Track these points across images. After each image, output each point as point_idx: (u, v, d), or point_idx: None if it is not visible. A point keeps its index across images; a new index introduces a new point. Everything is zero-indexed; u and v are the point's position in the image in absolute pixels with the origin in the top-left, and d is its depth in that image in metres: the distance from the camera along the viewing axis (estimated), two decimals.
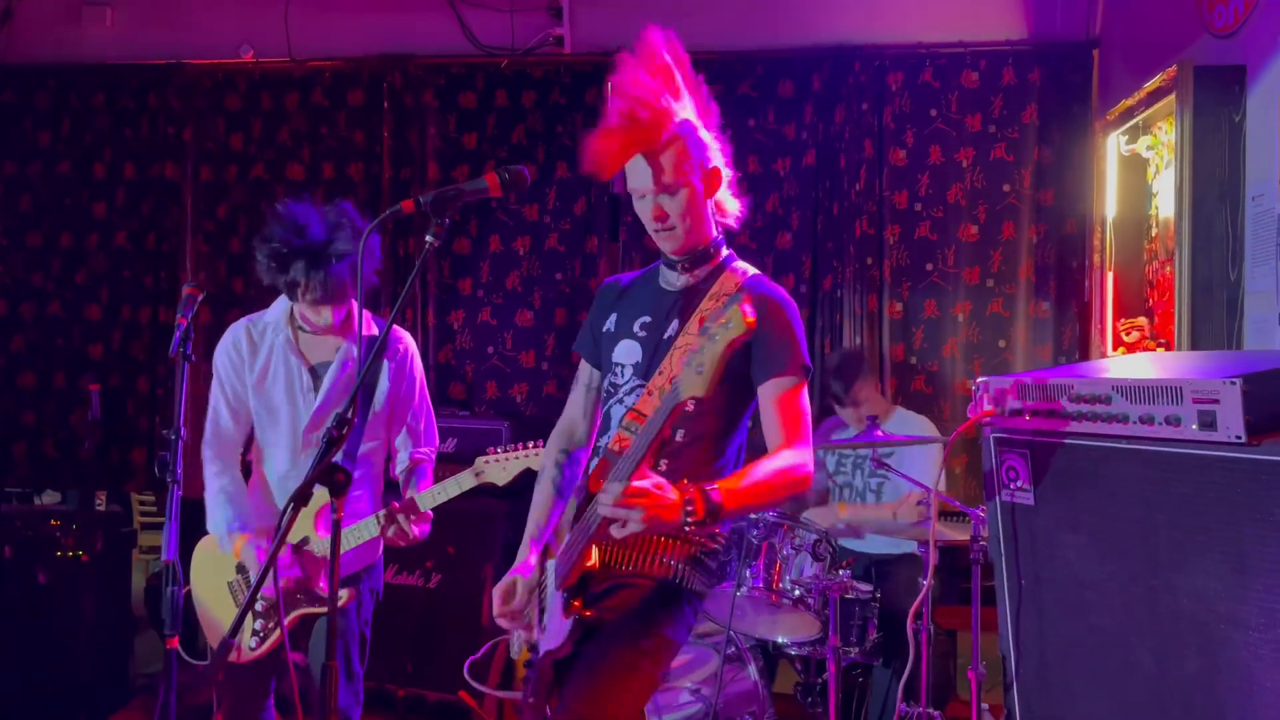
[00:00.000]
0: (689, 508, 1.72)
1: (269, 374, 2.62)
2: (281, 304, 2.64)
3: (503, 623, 2.14)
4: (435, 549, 3.98)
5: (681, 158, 2.01)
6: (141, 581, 5.16)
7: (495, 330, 4.75)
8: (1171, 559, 1.94)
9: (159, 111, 4.89)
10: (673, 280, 2.13)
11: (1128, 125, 3.87)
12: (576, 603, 1.94)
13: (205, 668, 2.40)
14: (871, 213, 4.47)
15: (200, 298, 2.40)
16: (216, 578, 2.63)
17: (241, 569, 2.59)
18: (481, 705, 3.54)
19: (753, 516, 3.09)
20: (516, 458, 2.55)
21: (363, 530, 2.57)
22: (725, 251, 2.13)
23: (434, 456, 2.81)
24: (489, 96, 4.74)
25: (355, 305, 2.61)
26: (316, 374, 2.61)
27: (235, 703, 2.58)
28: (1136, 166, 4.00)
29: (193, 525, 2.67)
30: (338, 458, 2.56)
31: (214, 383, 2.67)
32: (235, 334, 2.66)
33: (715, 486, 1.75)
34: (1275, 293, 2.85)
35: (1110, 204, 4.11)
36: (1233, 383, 1.78)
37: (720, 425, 2.02)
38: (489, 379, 4.75)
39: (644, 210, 2.06)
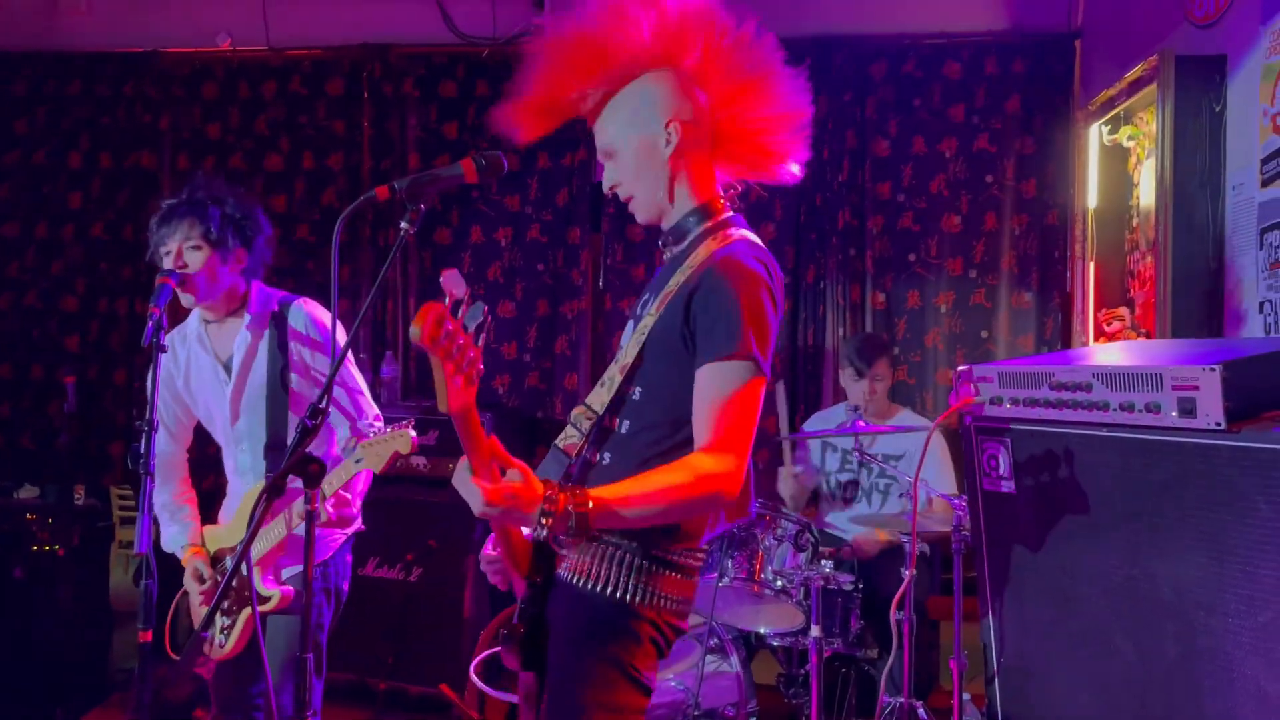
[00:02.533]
0: (544, 519, 1.47)
1: (193, 376, 2.58)
2: (196, 310, 2.58)
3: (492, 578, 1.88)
4: (416, 542, 3.96)
5: (628, 110, 1.76)
6: (121, 575, 5.12)
7: None
8: (1151, 546, 1.94)
9: (136, 100, 4.83)
10: (666, 257, 1.84)
11: (1109, 115, 3.87)
12: (520, 627, 1.71)
13: (178, 663, 2.37)
14: (854, 203, 4.46)
15: (174, 287, 2.37)
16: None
17: (217, 561, 2.56)
18: (463, 698, 3.52)
19: None
20: (385, 440, 2.34)
21: (272, 531, 2.44)
22: (717, 219, 1.78)
23: (379, 427, 2.54)
24: (470, 86, 4.70)
25: (254, 283, 2.55)
26: (228, 365, 2.54)
27: (223, 699, 2.55)
28: (1118, 156, 4.00)
29: None
30: (249, 451, 2.54)
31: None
32: (169, 341, 2.61)
33: (589, 500, 1.50)
34: (1256, 281, 2.85)
35: (1092, 194, 4.12)
36: (1212, 369, 1.78)
37: (669, 413, 1.68)
38: None
39: (604, 185, 1.84)
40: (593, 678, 1.66)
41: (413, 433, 2.35)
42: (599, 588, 1.67)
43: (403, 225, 1.73)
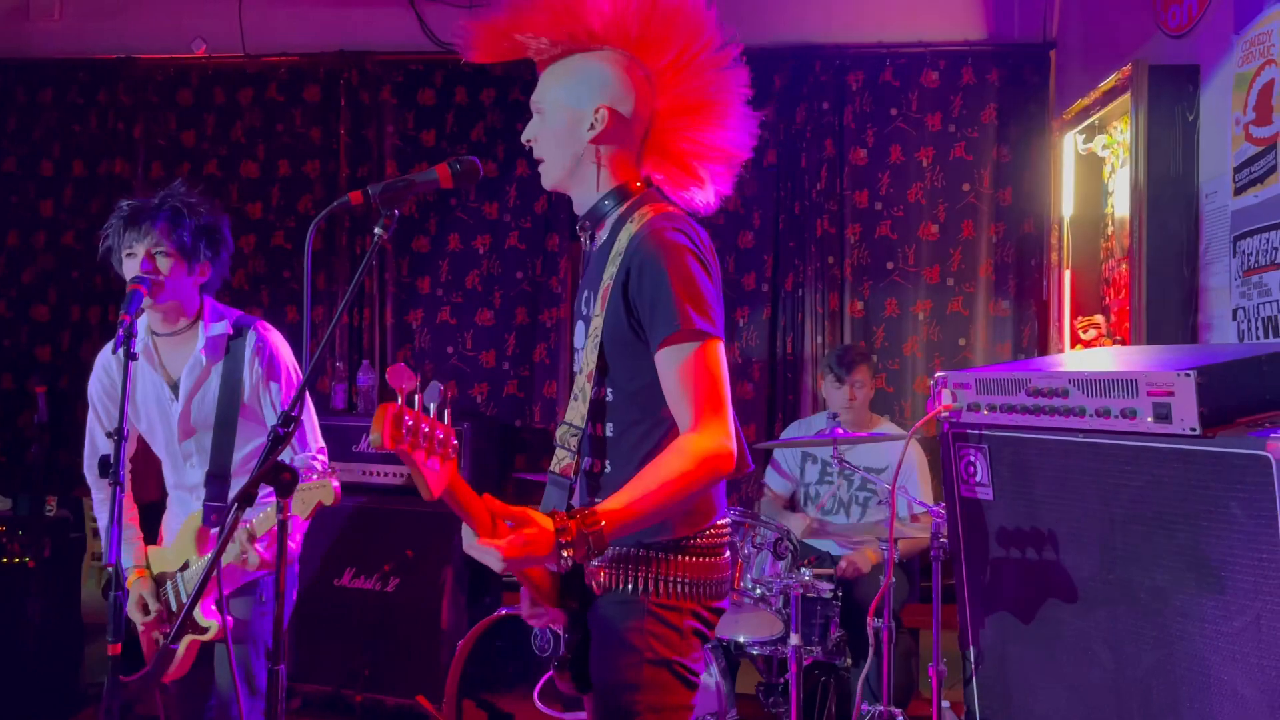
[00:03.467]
0: (564, 551, 1.49)
1: (136, 388, 2.50)
2: (144, 319, 2.53)
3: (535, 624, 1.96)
4: (394, 552, 3.93)
5: (569, 77, 1.75)
6: (93, 588, 5.04)
7: (455, 330, 4.70)
8: (1128, 552, 1.94)
9: (109, 107, 4.79)
10: (586, 244, 1.83)
11: (1084, 124, 3.90)
12: (566, 654, 1.74)
13: (147, 676, 2.32)
14: (833, 212, 4.47)
15: (145, 295, 2.33)
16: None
17: (160, 584, 2.50)
18: (440, 710, 3.49)
19: None
20: (309, 489, 2.27)
21: (230, 551, 2.34)
22: (633, 199, 1.75)
23: (319, 462, 2.51)
24: (448, 93, 4.69)
25: (207, 299, 2.50)
26: (175, 382, 2.48)
27: (182, 714, 2.51)
28: (1093, 165, 4.03)
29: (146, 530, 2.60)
30: (195, 468, 2.49)
31: (90, 412, 2.58)
32: (104, 358, 2.54)
33: (597, 517, 1.51)
34: (1229, 289, 2.87)
35: (1067, 203, 4.15)
36: (1187, 375, 1.78)
37: (648, 405, 1.68)
38: (449, 379, 4.70)
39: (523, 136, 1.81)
40: (641, 683, 1.67)
41: (335, 483, 2.30)
42: (632, 590, 1.69)
43: (377, 231, 1.71)
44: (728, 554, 1.77)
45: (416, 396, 1.40)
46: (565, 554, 1.49)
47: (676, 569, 1.69)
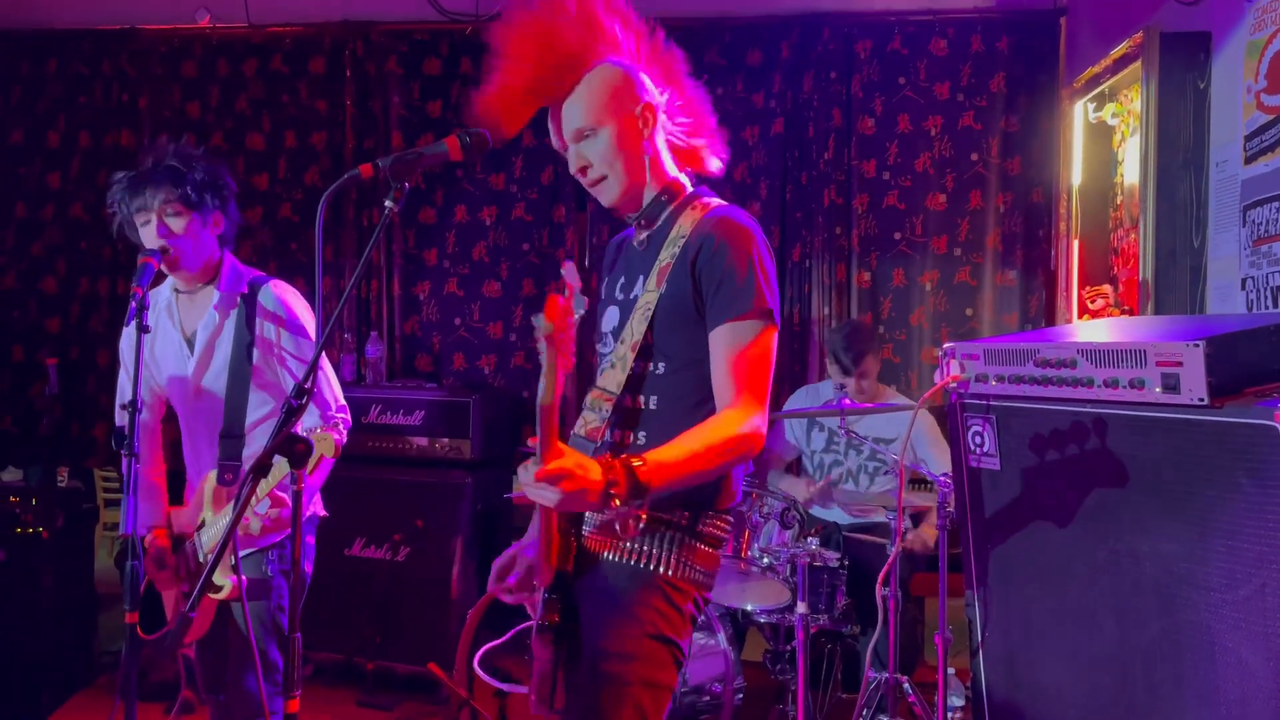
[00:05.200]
0: (611, 488, 1.51)
1: (158, 345, 2.53)
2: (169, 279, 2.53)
3: (504, 598, 1.99)
4: (403, 522, 3.96)
5: (602, 92, 1.77)
6: (105, 558, 5.10)
7: (462, 301, 4.70)
8: (1134, 522, 1.95)
9: (113, 79, 4.77)
10: (640, 238, 1.87)
11: (1094, 93, 3.88)
12: (554, 616, 1.76)
13: (164, 643, 2.34)
14: (840, 182, 4.46)
15: (156, 266, 2.34)
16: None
17: (179, 543, 2.51)
18: (451, 677, 3.53)
19: None
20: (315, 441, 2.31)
21: (223, 520, 2.38)
22: (688, 190, 1.84)
23: (341, 419, 2.50)
24: (453, 63, 4.66)
25: (226, 254, 2.50)
26: (190, 338, 2.49)
27: (207, 679, 2.54)
28: (1102, 134, 4.01)
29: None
30: (205, 432, 2.49)
31: (120, 370, 2.59)
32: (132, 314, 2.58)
33: (643, 460, 1.55)
34: (1238, 258, 2.87)
35: (1076, 172, 4.13)
36: (1196, 345, 1.78)
37: (698, 383, 1.73)
38: (456, 351, 4.71)
39: (571, 167, 1.82)
40: (640, 655, 1.69)
41: (336, 435, 2.33)
42: (647, 565, 1.72)
43: (387, 204, 1.71)
44: (722, 551, 1.83)
45: (573, 299, 1.43)
46: (612, 490, 1.51)
47: (688, 552, 1.74)
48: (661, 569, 1.72)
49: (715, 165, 1.90)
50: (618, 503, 1.52)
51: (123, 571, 2.22)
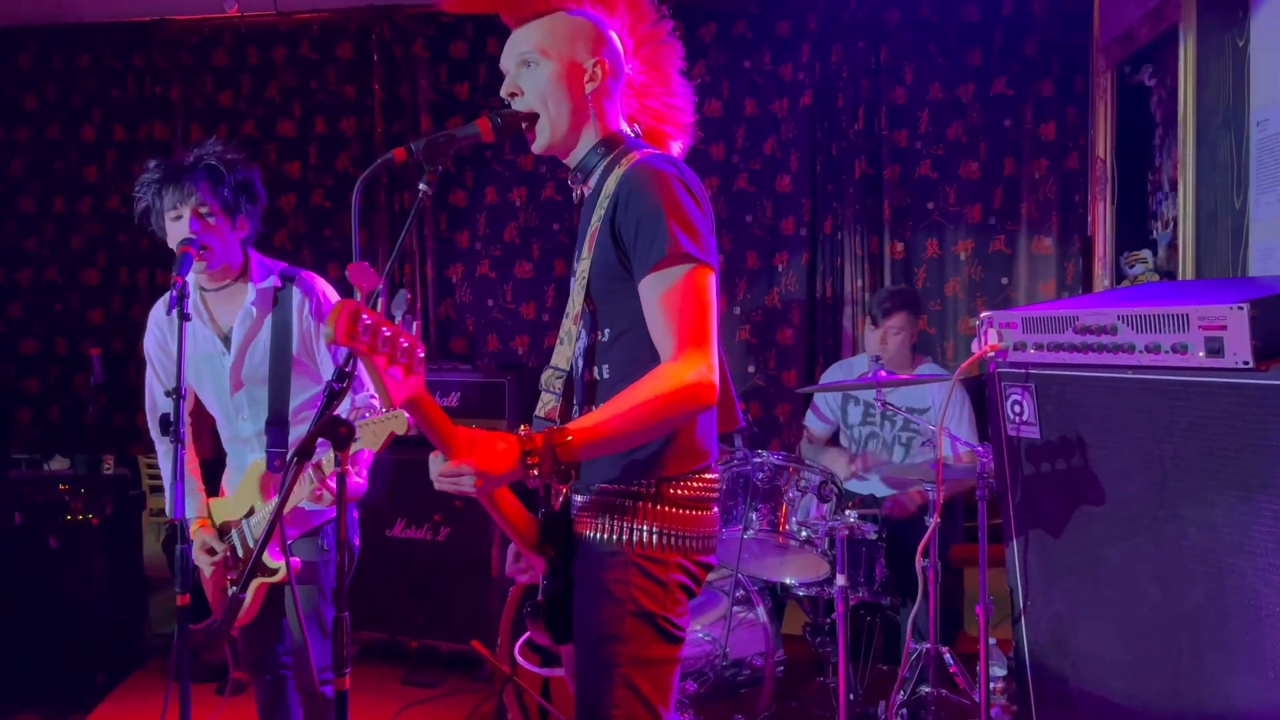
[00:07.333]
0: (528, 458, 1.48)
1: (189, 342, 2.55)
2: (192, 277, 2.55)
3: (521, 579, 2.00)
4: (443, 502, 4.00)
5: (560, 31, 1.72)
6: (153, 543, 5.19)
7: (494, 283, 4.73)
8: (1178, 488, 1.94)
9: (145, 70, 4.83)
10: (576, 197, 1.79)
11: (1129, 54, 3.80)
12: (539, 598, 1.73)
13: (215, 626, 2.39)
14: (871, 152, 4.42)
15: (195, 257, 2.37)
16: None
17: (224, 532, 2.56)
18: (495, 654, 3.57)
19: (757, 459, 3.08)
20: (382, 421, 2.27)
21: (298, 492, 2.38)
22: (619, 147, 1.74)
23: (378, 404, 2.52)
24: (480, 45, 4.67)
25: (251, 252, 2.52)
26: (225, 335, 2.52)
27: (251, 660, 2.59)
28: (1139, 96, 3.93)
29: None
30: (250, 420, 2.54)
31: (147, 368, 2.63)
32: (156, 313, 2.58)
33: (566, 426, 1.51)
34: None
35: (1112, 136, 4.06)
36: (1240, 308, 1.76)
37: (645, 346, 1.65)
38: (490, 332, 4.74)
39: (503, 90, 1.76)
40: (623, 634, 1.65)
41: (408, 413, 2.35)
42: (616, 538, 1.66)
43: (421, 187, 1.71)
44: (715, 510, 1.74)
45: (379, 298, 1.35)
46: (529, 461, 1.47)
47: (660, 520, 1.66)
48: (634, 542, 1.65)
49: (675, 149, 1.85)
50: (536, 473, 1.48)
51: (171, 556, 2.26)
